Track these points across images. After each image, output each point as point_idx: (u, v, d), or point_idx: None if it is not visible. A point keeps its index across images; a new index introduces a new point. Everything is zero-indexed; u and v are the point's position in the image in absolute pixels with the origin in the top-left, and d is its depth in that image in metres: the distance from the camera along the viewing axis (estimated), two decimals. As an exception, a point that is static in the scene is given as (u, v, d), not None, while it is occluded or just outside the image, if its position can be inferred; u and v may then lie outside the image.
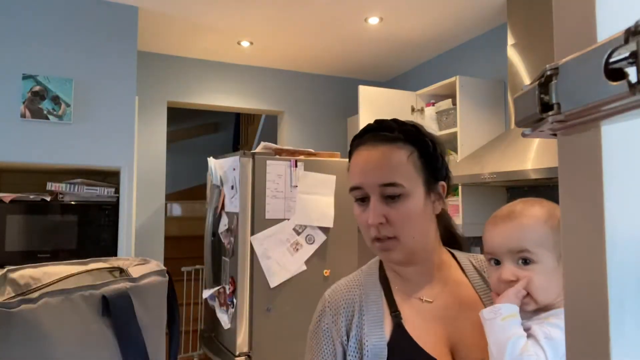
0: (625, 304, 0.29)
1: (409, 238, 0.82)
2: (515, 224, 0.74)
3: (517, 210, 0.76)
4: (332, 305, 0.87)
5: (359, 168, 0.84)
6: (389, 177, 0.81)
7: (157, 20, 2.94)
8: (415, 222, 0.82)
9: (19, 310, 0.67)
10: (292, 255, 2.52)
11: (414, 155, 0.84)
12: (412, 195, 0.82)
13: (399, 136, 0.84)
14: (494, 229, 0.77)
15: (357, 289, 0.88)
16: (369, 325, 0.82)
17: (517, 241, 0.72)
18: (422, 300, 0.85)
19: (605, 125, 0.29)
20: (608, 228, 0.29)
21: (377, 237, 0.82)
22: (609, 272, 0.29)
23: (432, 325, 0.82)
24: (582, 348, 0.32)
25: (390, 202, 0.81)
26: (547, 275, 0.71)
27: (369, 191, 0.82)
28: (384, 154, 0.83)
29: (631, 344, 0.29)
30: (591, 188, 0.30)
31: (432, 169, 0.85)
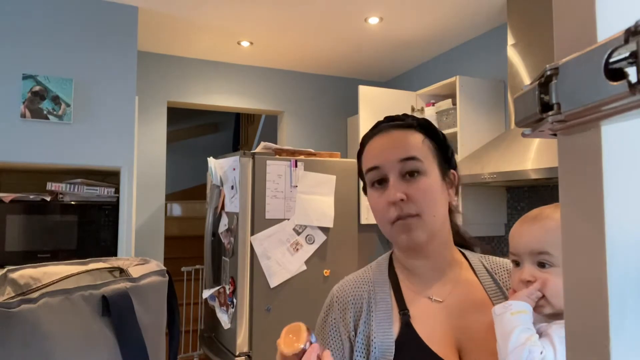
0: (625, 304, 0.29)
1: (431, 216, 0.81)
2: (540, 225, 0.74)
3: (545, 212, 0.76)
4: (340, 300, 0.87)
5: (376, 151, 0.85)
6: (407, 152, 0.82)
7: (157, 20, 2.94)
8: (436, 201, 0.82)
9: (19, 310, 0.67)
10: (292, 255, 2.52)
11: (428, 141, 0.86)
12: (430, 174, 0.82)
13: (412, 123, 0.87)
14: (520, 229, 0.77)
15: (366, 285, 0.88)
16: (377, 322, 0.81)
17: (538, 242, 0.73)
18: (432, 300, 0.84)
19: (605, 125, 0.29)
20: (608, 228, 0.29)
21: (399, 215, 0.81)
22: (609, 272, 0.29)
23: (441, 325, 0.81)
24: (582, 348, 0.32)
25: (409, 179, 0.81)
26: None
27: (388, 170, 0.82)
28: (400, 136, 0.85)
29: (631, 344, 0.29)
30: (591, 188, 0.30)
31: (444, 157, 0.87)
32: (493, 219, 2.82)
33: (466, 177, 2.46)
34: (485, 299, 0.84)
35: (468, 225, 2.75)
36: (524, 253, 0.74)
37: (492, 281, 0.87)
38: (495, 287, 0.86)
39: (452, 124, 2.90)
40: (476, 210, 2.77)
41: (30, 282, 0.81)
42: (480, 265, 0.91)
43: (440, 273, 0.86)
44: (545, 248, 0.72)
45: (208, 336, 2.93)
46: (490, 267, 0.91)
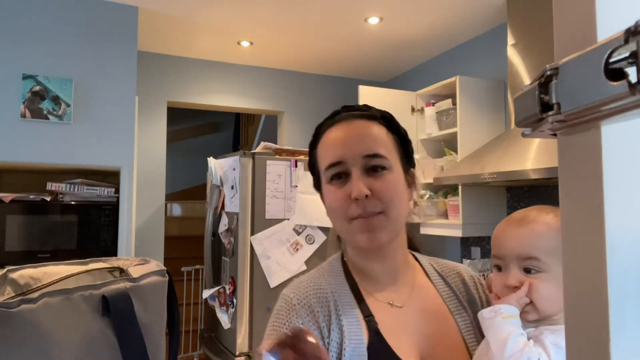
0: (625, 304, 0.29)
1: (395, 214, 0.76)
2: (528, 229, 0.72)
3: (531, 216, 0.73)
4: (304, 303, 0.77)
5: (336, 143, 0.78)
6: (372, 148, 0.76)
7: (157, 20, 2.94)
8: (400, 198, 0.77)
9: (19, 310, 0.67)
10: (292, 255, 2.52)
11: (390, 135, 0.81)
12: (394, 170, 0.77)
13: (374, 114, 0.82)
14: (505, 232, 0.74)
15: (325, 288, 0.79)
16: (348, 328, 0.75)
17: (527, 247, 0.70)
18: (392, 305, 0.79)
19: (605, 125, 0.29)
20: (608, 228, 0.29)
21: (361, 214, 0.74)
22: (609, 272, 0.29)
23: (405, 332, 0.77)
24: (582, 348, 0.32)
25: (373, 175, 0.75)
26: (553, 286, 0.69)
27: (351, 164, 0.76)
28: (364, 127, 0.79)
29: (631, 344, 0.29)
30: (591, 188, 0.30)
31: (406, 154, 0.83)
32: (493, 219, 2.81)
33: (466, 177, 2.46)
34: (441, 304, 0.82)
35: (468, 225, 2.75)
36: (510, 257, 0.72)
37: (445, 285, 0.85)
38: (448, 290, 0.84)
39: (452, 124, 2.89)
40: (476, 210, 2.77)
41: (30, 282, 0.81)
42: (432, 268, 0.88)
43: (395, 277, 0.82)
44: (534, 253, 0.70)
45: (208, 336, 2.93)
46: (440, 270, 0.88)
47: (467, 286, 0.87)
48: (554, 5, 0.33)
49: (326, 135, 0.81)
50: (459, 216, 2.77)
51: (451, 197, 2.88)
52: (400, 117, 0.88)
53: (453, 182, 2.62)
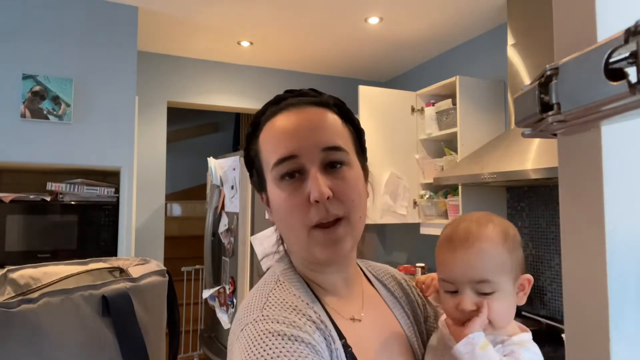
0: (625, 304, 0.29)
1: (357, 217, 0.66)
2: (474, 251, 0.69)
3: (473, 233, 0.70)
4: (304, 319, 0.62)
5: (287, 134, 0.65)
6: (332, 140, 0.65)
7: (157, 20, 2.94)
8: (362, 197, 0.67)
9: (19, 310, 0.67)
10: (292, 255, 2.52)
11: (345, 124, 0.70)
12: (354, 166, 0.68)
13: (327, 100, 0.70)
14: (452, 255, 0.70)
15: (306, 306, 0.65)
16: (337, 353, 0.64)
17: (478, 271, 0.68)
18: (354, 321, 0.70)
19: (605, 125, 0.29)
20: (608, 228, 0.29)
21: (322, 220, 0.63)
22: (609, 272, 0.29)
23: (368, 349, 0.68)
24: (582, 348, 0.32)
25: (332, 172, 0.64)
26: (505, 300, 0.69)
27: (307, 160, 0.64)
28: (317, 115, 0.67)
29: (631, 343, 0.29)
30: (591, 188, 0.30)
31: (361, 145, 0.73)
32: (493, 219, 2.81)
33: (466, 177, 2.46)
34: (388, 311, 0.76)
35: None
36: (461, 282, 0.70)
37: (386, 290, 0.80)
38: (390, 296, 0.79)
39: (452, 124, 2.89)
40: (476, 210, 2.77)
41: (30, 282, 0.81)
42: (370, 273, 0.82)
43: (350, 287, 0.73)
44: (485, 276, 0.68)
45: (208, 336, 2.93)
46: (376, 274, 0.82)
47: (404, 289, 0.83)
48: (554, 5, 0.33)
49: (271, 123, 0.68)
50: (459, 216, 2.77)
51: (451, 197, 2.88)
52: (400, 117, 0.88)
53: (453, 182, 2.62)
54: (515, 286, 0.71)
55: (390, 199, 3.06)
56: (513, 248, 0.70)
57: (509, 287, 0.70)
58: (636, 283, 0.30)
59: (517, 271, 0.71)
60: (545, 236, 2.58)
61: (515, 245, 0.71)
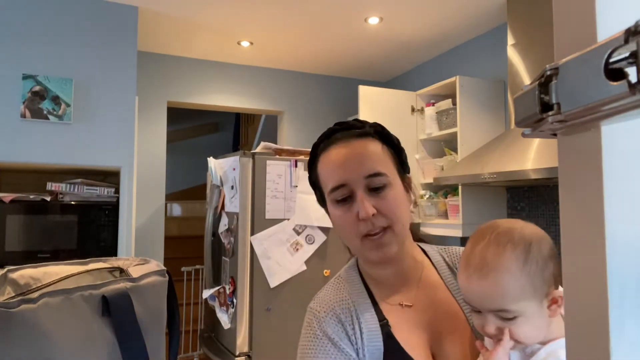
0: (625, 303, 0.29)
1: (401, 227, 0.81)
2: (489, 282, 0.67)
3: (489, 260, 0.68)
4: (331, 315, 0.82)
5: (337, 166, 0.81)
6: (373, 168, 0.79)
7: (157, 20, 2.94)
8: (403, 211, 0.82)
9: (19, 310, 0.67)
10: (292, 255, 2.52)
11: (385, 148, 0.84)
12: (395, 184, 0.81)
13: (368, 131, 0.84)
14: (469, 284, 0.70)
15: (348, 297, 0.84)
16: (367, 335, 0.79)
17: (495, 302, 0.67)
18: (403, 306, 0.83)
19: (605, 125, 0.29)
20: (608, 228, 0.29)
21: (370, 231, 0.79)
22: (609, 272, 0.29)
23: (416, 331, 0.80)
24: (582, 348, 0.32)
25: (375, 194, 0.79)
26: (532, 322, 0.68)
27: (354, 186, 0.79)
28: (360, 147, 0.82)
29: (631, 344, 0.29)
30: (591, 188, 0.30)
31: (401, 162, 0.86)
32: (493, 219, 2.81)
33: (466, 177, 2.46)
34: (451, 299, 0.84)
35: (468, 226, 2.75)
36: (482, 308, 0.70)
37: (453, 278, 0.87)
38: (456, 283, 0.85)
39: (452, 124, 2.89)
40: (476, 210, 2.77)
41: (30, 282, 0.81)
42: (441, 260, 0.90)
43: (405, 277, 0.86)
44: (503, 306, 0.67)
45: (208, 336, 2.93)
46: (450, 261, 0.90)
47: None
48: (554, 5, 0.33)
49: (325, 156, 0.84)
50: (459, 216, 2.77)
51: (451, 197, 2.88)
52: (400, 117, 0.89)
53: (453, 182, 2.62)
54: (544, 303, 0.68)
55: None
56: (537, 268, 0.67)
57: (534, 309, 0.67)
58: (636, 283, 0.30)
59: (544, 289, 0.67)
60: (545, 236, 2.58)
61: (540, 262, 0.67)
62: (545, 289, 0.67)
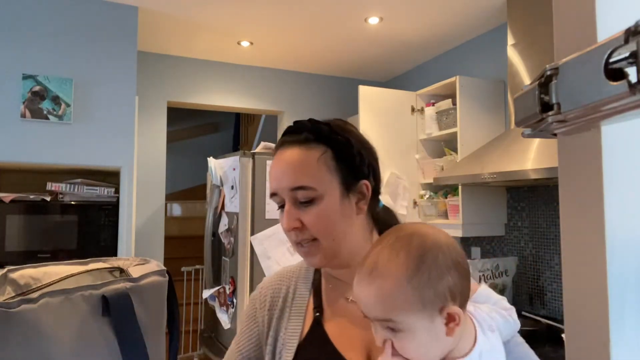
0: (625, 304, 0.29)
1: (329, 240, 0.79)
2: (375, 288, 0.63)
3: (378, 265, 0.65)
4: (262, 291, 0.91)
5: (272, 174, 0.83)
6: (297, 181, 0.78)
7: (157, 20, 2.94)
8: (333, 224, 0.79)
9: (19, 310, 0.67)
10: (292, 255, 2.52)
11: (327, 155, 0.80)
12: (326, 198, 0.78)
13: (308, 137, 0.81)
14: (358, 288, 0.66)
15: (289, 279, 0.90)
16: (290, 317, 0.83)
17: (378, 310, 0.64)
18: (349, 300, 0.83)
19: (605, 125, 0.29)
20: (608, 228, 0.29)
21: (296, 241, 0.81)
22: (609, 272, 0.29)
23: (355, 327, 0.80)
24: (582, 348, 0.32)
25: (303, 207, 0.79)
26: (419, 339, 0.63)
27: (283, 196, 0.80)
28: (292, 157, 0.80)
29: (631, 344, 0.29)
30: (591, 188, 0.30)
31: (350, 169, 0.81)
32: (493, 219, 2.81)
33: (466, 177, 2.46)
34: None
35: (468, 225, 2.75)
36: (370, 317, 0.65)
37: None
38: None
39: (452, 124, 2.89)
40: (476, 210, 2.77)
41: (30, 282, 0.81)
42: None
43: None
44: (386, 316, 0.63)
45: (208, 336, 2.93)
46: None
47: None
48: (554, 5, 0.33)
49: (272, 161, 0.85)
50: (459, 216, 2.77)
51: (451, 197, 2.88)
52: (400, 117, 0.88)
53: (453, 182, 2.62)
54: (436, 319, 0.63)
55: (390, 199, 3.06)
56: (428, 280, 0.62)
57: (423, 324, 0.62)
58: (636, 283, 0.30)
59: (437, 304, 0.62)
60: (545, 236, 2.58)
61: (434, 273, 0.62)
62: (439, 304, 0.62)
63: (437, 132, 3.03)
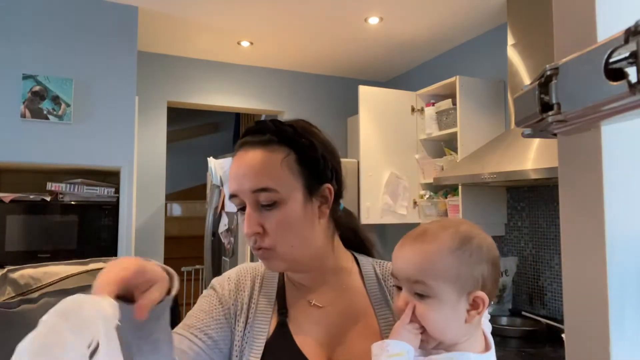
0: (625, 304, 0.29)
1: (287, 247, 0.77)
2: (417, 250, 0.67)
3: (428, 232, 0.68)
4: (230, 280, 0.87)
5: (232, 175, 0.80)
6: (260, 183, 0.75)
7: (157, 20, 2.94)
8: (294, 230, 0.77)
9: (19, 310, 0.67)
10: (292, 255, 2.52)
11: (290, 158, 0.78)
12: (289, 201, 0.76)
13: (272, 138, 0.78)
14: (400, 250, 0.69)
15: (256, 276, 0.88)
16: (256, 316, 0.81)
17: (414, 270, 0.66)
18: (311, 304, 0.82)
19: (605, 125, 0.29)
20: (608, 228, 0.29)
21: (256, 247, 0.78)
22: (609, 272, 0.29)
23: (317, 329, 0.80)
24: (582, 348, 0.32)
25: (264, 210, 0.76)
26: (444, 311, 0.64)
27: (244, 199, 0.77)
28: (254, 159, 0.77)
29: (631, 344, 0.29)
30: (591, 188, 0.30)
31: (314, 172, 0.79)
32: (493, 219, 2.81)
33: (466, 177, 2.46)
34: (367, 307, 0.82)
35: (468, 225, 2.75)
36: (401, 278, 0.68)
37: (378, 289, 0.85)
38: (380, 295, 0.84)
39: (452, 124, 2.89)
40: (476, 210, 2.77)
41: (30, 282, 0.81)
42: (372, 271, 0.87)
43: (322, 281, 0.84)
44: (420, 277, 0.65)
45: (208, 336, 2.92)
46: (382, 273, 0.87)
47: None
48: (554, 5, 0.33)
49: (234, 158, 0.82)
50: (458, 216, 2.77)
51: (451, 197, 2.88)
52: (400, 117, 0.88)
53: (453, 182, 2.62)
54: (462, 300, 0.65)
55: (390, 199, 3.06)
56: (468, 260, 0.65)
57: (451, 298, 0.64)
58: (636, 283, 0.30)
59: (467, 285, 0.65)
60: (545, 236, 2.58)
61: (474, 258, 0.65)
62: (470, 285, 0.65)
63: (437, 132, 3.03)
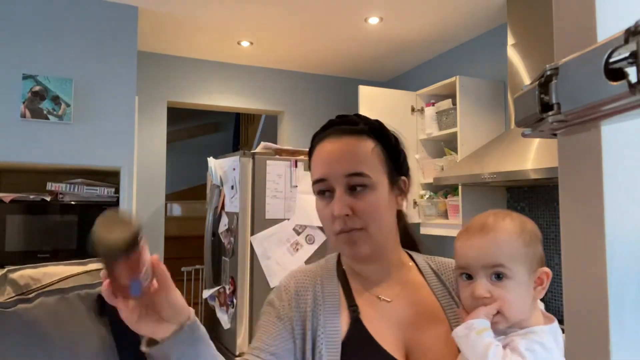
0: (625, 304, 0.29)
1: (376, 230, 0.80)
2: (490, 238, 0.73)
3: (489, 223, 0.74)
4: (287, 289, 0.86)
5: (322, 160, 0.83)
6: (355, 167, 0.80)
7: (157, 20, 2.94)
8: (382, 214, 0.81)
9: (15, 309, 0.67)
10: (292, 255, 2.52)
11: (378, 148, 0.83)
12: (378, 187, 0.81)
13: (363, 128, 0.84)
14: (468, 242, 0.75)
15: (314, 278, 0.86)
16: (325, 316, 0.80)
17: (492, 256, 0.71)
18: (380, 299, 0.83)
19: (605, 125, 0.29)
20: (608, 228, 0.29)
21: (343, 229, 0.80)
22: (609, 272, 0.29)
23: (390, 325, 0.80)
24: (582, 348, 0.32)
25: (355, 194, 0.80)
26: (519, 291, 0.70)
27: (334, 183, 0.80)
28: (348, 145, 0.82)
29: (631, 344, 0.29)
30: (591, 188, 0.30)
31: (395, 163, 0.86)
32: (493, 219, 2.81)
33: (466, 177, 2.46)
34: (433, 299, 0.84)
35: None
36: (476, 267, 0.73)
37: (439, 282, 0.87)
38: (442, 288, 0.86)
39: (452, 124, 2.89)
40: (476, 210, 2.75)
41: (30, 282, 0.81)
42: (427, 266, 0.90)
43: (387, 275, 0.86)
44: (500, 261, 0.70)
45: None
46: (436, 268, 0.90)
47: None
48: (554, 5, 0.33)
49: (318, 148, 0.85)
50: (459, 216, 2.77)
51: (451, 197, 2.88)
52: (400, 117, 0.89)
53: (453, 182, 2.62)
54: (531, 279, 0.71)
55: (390, 199, 3.06)
56: (530, 241, 0.71)
57: (524, 278, 0.70)
58: (636, 283, 0.30)
59: (534, 264, 0.71)
60: (546, 236, 2.58)
61: (532, 239, 0.71)
62: (535, 264, 0.71)
63: (437, 132, 3.03)
